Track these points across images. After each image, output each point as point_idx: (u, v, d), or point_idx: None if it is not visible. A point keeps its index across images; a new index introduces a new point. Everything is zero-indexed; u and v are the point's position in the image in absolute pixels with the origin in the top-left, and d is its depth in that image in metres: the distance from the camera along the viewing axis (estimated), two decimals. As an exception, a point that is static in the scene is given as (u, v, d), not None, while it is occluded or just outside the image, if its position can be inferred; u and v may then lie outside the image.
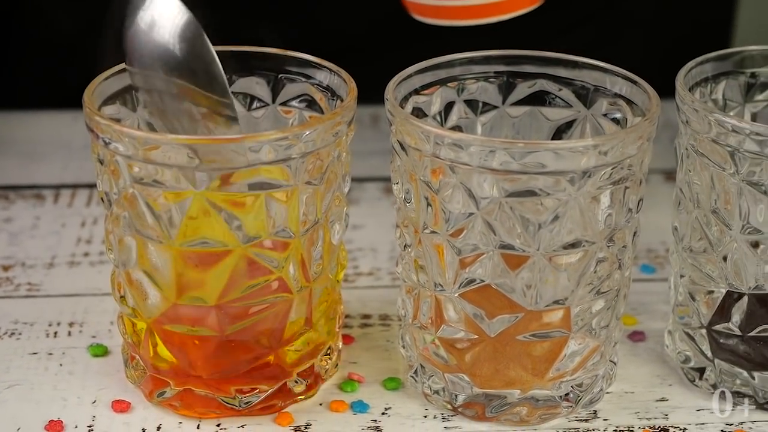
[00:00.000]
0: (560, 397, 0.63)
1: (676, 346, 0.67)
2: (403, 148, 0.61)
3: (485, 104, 0.67)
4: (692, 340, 0.66)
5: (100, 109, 0.62)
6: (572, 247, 0.60)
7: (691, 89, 0.65)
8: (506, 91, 0.66)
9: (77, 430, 0.62)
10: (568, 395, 0.63)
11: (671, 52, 0.70)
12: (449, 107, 0.66)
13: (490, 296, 0.61)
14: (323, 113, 0.64)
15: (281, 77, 0.66)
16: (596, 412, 0.64)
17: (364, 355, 0.68)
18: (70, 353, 0.68)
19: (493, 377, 0.62)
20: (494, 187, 0.59)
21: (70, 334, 0.69)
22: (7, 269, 0.75)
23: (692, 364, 0.66)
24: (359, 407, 0.64)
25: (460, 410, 0.64)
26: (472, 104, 0.66)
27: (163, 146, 0.58)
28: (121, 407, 0.64)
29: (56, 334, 0.69)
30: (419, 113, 0.65)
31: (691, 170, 0.63)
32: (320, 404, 0.64)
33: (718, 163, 0.61)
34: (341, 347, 0.67)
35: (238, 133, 0.63)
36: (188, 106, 0.61)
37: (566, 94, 0.66)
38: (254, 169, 0.59)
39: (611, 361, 0.65)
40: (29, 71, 0.95)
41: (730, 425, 0.64)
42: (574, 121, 0.66)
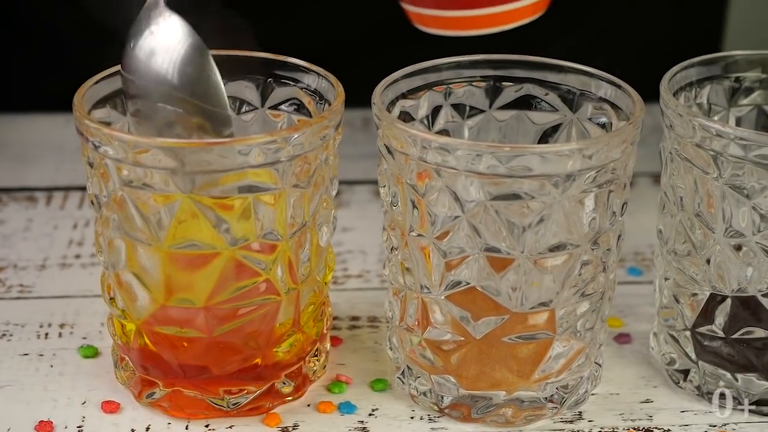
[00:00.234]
0: (545, 398, 0.64)
1: (661, 348, 0.68)
2: (389, 151, 0.62)
3: (472, 108, 0.67)
4: (677, 342, 0.66)
5: (90, 112, 0.62)
6: (557, 249, 0.61)
7: (676, 93, 0.65)
8: (493, 95, 0.67)
9: (67, 430, 0.63)
10: (553, 397, 0.64)
11: (663, 56, 0.71)
12: (436, 111, 0.66)
13: (475, 298, 0.61)
14: (312, 117, 0.65)
15: (270, 81, 0.66)
16: (581, 413, 0.65)
17: (352, 356, 0.69)
18: (60, 354, 0.68)
19: (479, 379, 0.63)
20: (479, 190, 0.59)
21: (60, 335, 0.70)
22: (-1, 271, 0.76)
23: (677, 366, 0.67)
24: (346, 408, 0.65)
25: (446, 411, 0.64)
26: (459, 108, 0.67)
27: (152, 150, 0.59)
28: (110, 408, 0.64)
29: (47, 335, 0.70)
30: (406, 117, 0.65)
31: (675, 174, 0.64)
32: (308, 405, 0.65)
33: (701, 167, 0.62)
34: (329, 349, 0.68)
35: None
36: (181, 118, 0.62)
37: (552, 98, 0.66)
38: (242, 172, 0.59)
39: (596, 363, 0.65)
40: (22, 74, 0.95)
41: (713, 426, 0.64)
42: (560, 125, 0.67)
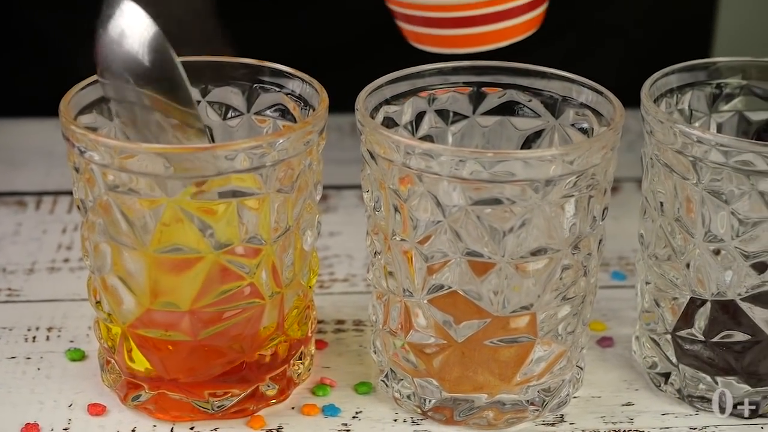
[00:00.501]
0: (527, 401, 0.64)
1: (642, 351, 0.68)
2: (372, 157, 0.62)
3: (456, 114, 0.68)
4: (658, 345, 0.67)
5: (77, 118, 0.63)
6: (538, 254, 0.61)
7: (657, 100, 0.66)
8: (476, 101, 0.68)
9: (53, 432, 0.64)
10: (534, 400, 0.64)
11: (652, 63, 0.71)
12: (420, 117, 0.67)
13: (457, 302, 0.62)
14: (297, 122, 0.66)
15: (256, 87, 0.67)
16: (563, 416, 0.66)
17: (336, 359, 0.69)
18: (48, 357, 0.69)
19: (461, 382, 0.64)
20: (461, 195, 0.60)
21: (48, 338, 0.70)
22: (-13, 275, 0.76)
23: (658, 369, 0.67)
24: (330, 411, 0.65)
25: (429, 414, 0.65)
26: (443, 114, 0.68)
27: (139, 155, 0.59)
28: (96, 410, 0.65)
29: (35, 338, 0.70)
30: (390, 123, 0.66)
31: (655, 179, 0.65)
32: (292, 408, 0.66)
33: (680, 172, 0.63)
34: (314, 352, 0.69)
35: (207, 143, 0.64)
36: (158, 117, 0.63)
37: (535, 104, 0.67)
38: (227, 177, 0.60)
39: (578, 366, 0.66)
40: (12, 79, 0.96)
41: (693, 429, 0.65)
42: (542, 130, 0.67)
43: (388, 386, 0.66)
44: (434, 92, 0.67)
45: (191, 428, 0.64)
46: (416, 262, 0.62)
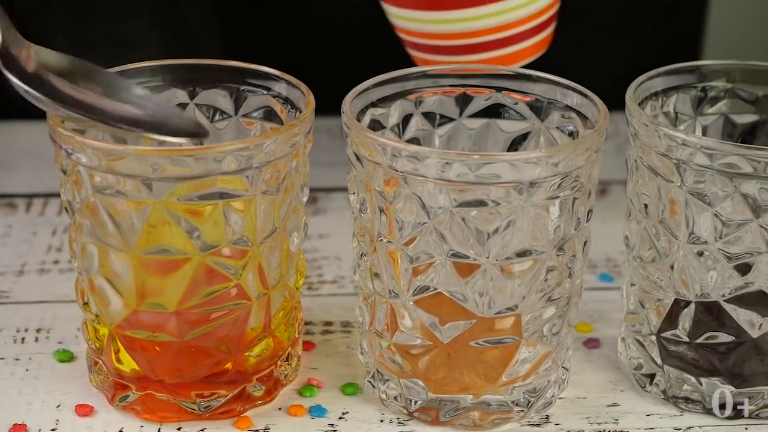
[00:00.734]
0: (513, 402, 0.65)
1: (628, 352, 0.69)
2: (358, 159, 0.63)
3: (442, 116, 0.68)
4: (643, 347, 0.67)
5: (64, 120, 0.63)
6: (522, 255, 0.62)
7: (642, 102, 0.66)
8: (463, 104, 0.68)
9: (41, 433, 0.64)
10: (520, 400, 0.65)
11: (642, 66, 0.72)
12: (407, 119, 0.67)
13: (442, 303, 0.62)
14: (284, 125, 0.66)
15: (243, 89, 0.67)
16: (548, 417, 0.66)
17: (324, 361, 0.70)
18: (36, 359, 0.69)
19: (446, 382, 0.64)
20: (446, 197, 0.60)
21: (37, 340, 0.71)
22: (-23, 277, 0.77)
23: (643, 370, 0.68)
24: (317, 412, 0.66)
25: (415, 415, 0.65)
26: (429, 117, 0.68)
27: (127, 157, 0.60)
28: (84, 411, 0.65)
29: (23, 339, 0.71)
30: (377, 125, 0.66)
31: (639, 181, 0.65)
32: (279, 409, 0.66)
33: (664, 175, 0.63)
34: (301, 353, 0.69)
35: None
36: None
37: (521, 107, 0.68)
38: (213, 179, 0.60)
39: (563, 367, 0.66)
40: (2, 81, 0.96)
41: (678, 430, 0.65)
42: (528, 133, 0.68)
43: (374, 387, 0.67)
44: (421, 95, 0.68)
45: (178, 429, 0.64)
46: (402, 263, 0.62)
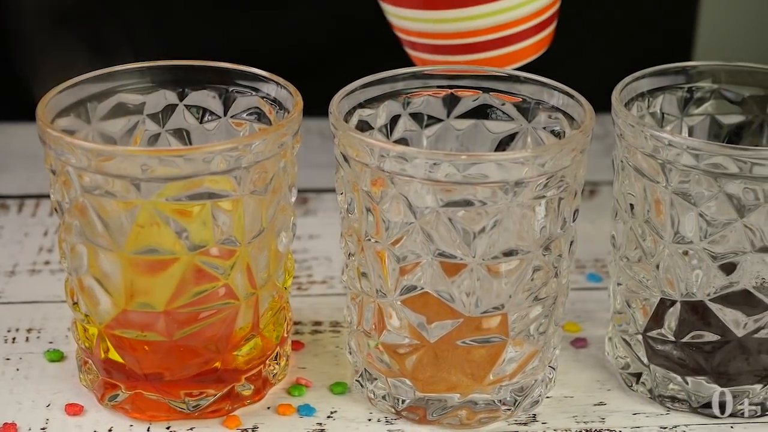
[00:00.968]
0: (500, 401, 0.65)
1: (615, 352, 0.69)
2: (346, 159, 0.63)
3: (430, 117, 0.69)
4: (629, 346, 0.68)
5: (54, 121, 0.64)
6: (509, 255, 0.62)
7: (629, 103, 0.67)
8: (451, 104, 0.68)
9: (30, 432, 0.64)
10: (507, 399, 0.65)
11: (632, 67, 0.72)
12: (395, 120, 0.68)
13: (429, 303, 0.63)
14: (272, 125, 0.66)
15: (232, 90, 0.68)
16: (535, 415, 0.66)
17: (313, 360, 0.70)
18: (27, 358, 0.70)
19: (434, 382, 0.64)
20: (432, 197, 0.61)
21: (28, 339, 0.71)
22: (-31, 277, 0.77)
23: (630, 369, 0.68)
24: (305, 411, 0.66)
25: (403, 414, 0.66)
26: (417, 117, 0.68)
27: (116, 158, 0.60)
28: (74, 410, 0.65)
29: (14, 339, 0.71)
30: (365, 126, 0.67)
31: (625, 182, 0.65)
32: (268, 408, 0.66)
33: (649, 175, 0.63)
34: (290, 353, 0.69)
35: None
36: None
37: (508, 107, 0.68)
38: (201, 179, 0.61)
39: (550, 366, 0.67)
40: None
41: (664, 429, 0.66)
42: (516, 133, 0.68)
43: (362, 386, 0.67)
44: (409, 96, 0.68)
45: (167, 428, 0.65)
46: (389, 263, 0.63)
